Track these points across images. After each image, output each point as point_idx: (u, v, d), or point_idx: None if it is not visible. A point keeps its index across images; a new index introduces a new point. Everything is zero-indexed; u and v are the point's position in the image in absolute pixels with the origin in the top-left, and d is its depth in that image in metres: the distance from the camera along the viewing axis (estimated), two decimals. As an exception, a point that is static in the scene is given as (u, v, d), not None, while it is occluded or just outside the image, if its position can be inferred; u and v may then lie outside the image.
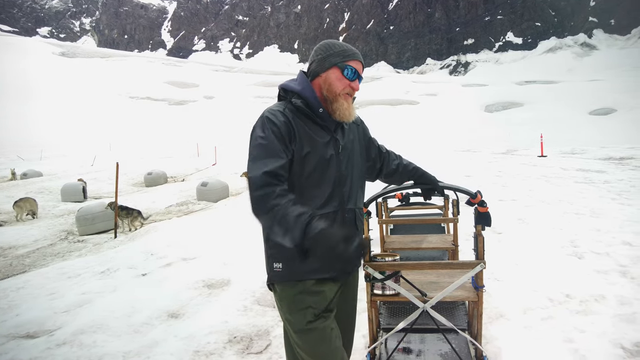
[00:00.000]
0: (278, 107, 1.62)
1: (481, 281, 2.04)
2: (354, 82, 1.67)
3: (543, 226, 5.62)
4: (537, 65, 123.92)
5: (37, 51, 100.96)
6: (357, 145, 1.80)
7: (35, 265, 6.78)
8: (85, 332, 3.05)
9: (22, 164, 25.39)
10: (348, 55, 1.67)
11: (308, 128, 1.61)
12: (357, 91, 1.68)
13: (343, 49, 1.67)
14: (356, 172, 1.76)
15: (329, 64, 1.66)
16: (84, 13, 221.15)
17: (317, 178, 1.61)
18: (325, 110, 1.64)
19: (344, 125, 1.74)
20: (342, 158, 1.68)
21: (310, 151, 1.59)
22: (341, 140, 1.70)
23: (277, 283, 1.64)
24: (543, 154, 17.40)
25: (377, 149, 1.98)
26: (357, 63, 1.68)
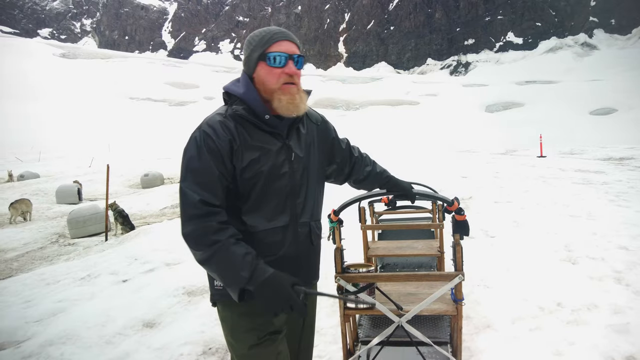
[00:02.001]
0: (218, 115, 1.42)
1: (460, 294, 1.91)
2: (287, 66, 1.41)
3: (537, 229, 5.49)
4: (538, 65, 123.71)
5: (38, 52, 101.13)
6: (316, 150, 1.60)
7: (22, 269, 6.68)
8: (54, 344, 2.93)
9: (20, 166, 25.31)
10: (267, 40, 1.42)
11: (254, 136, 1.41)
12: (296, 75, 1.42)
13: (261, 36, 1.44)
14: (313, 182, 1.57)
15: (253, 61, 1.44)
16: (85, 14, 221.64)
17: (265, 190, 1.43)
18: (273, 116, 1.44)
19: (301, 128, 1.54)
20: (295, 167, 1.49)
21: (257, 162, 1.40)
22: (295, 146, 1.50)
23: (219, 302, 1.49)
24: (542, 154, 17.29)
25: (345, 152, 1.78)
26: (282, 43, 1.42)
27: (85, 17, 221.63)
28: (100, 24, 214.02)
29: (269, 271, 1.26)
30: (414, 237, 3.94)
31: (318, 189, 1.63)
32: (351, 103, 79.58)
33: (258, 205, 1.43)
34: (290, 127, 1.49)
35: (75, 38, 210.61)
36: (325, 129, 1.68)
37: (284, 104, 1.40)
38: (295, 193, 1.49)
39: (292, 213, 1.49)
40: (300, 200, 1.51)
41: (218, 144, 1.35)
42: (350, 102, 79.82)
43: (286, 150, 1.47)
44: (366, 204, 3.67)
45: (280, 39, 1.42)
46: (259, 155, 1.41)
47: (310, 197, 1.56)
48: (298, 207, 1.51)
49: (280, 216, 1.46)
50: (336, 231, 2.04)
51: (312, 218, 1.58)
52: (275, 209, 1.45)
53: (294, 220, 1.49)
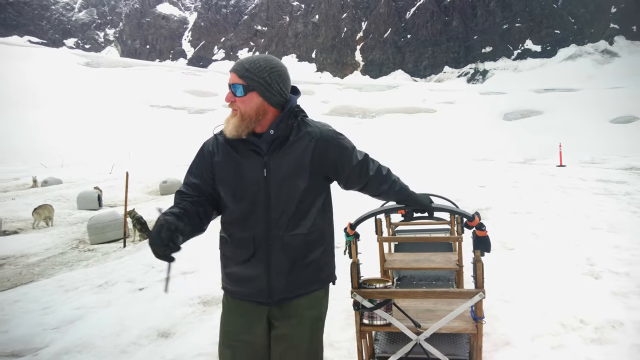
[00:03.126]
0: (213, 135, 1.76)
1: (480, 312, 1.86)
2: (227, 96, 1.70)
3: (558, 241, 5.35)
4: (557, 73, 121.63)
5: (64, 61, 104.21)
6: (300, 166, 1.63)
7: (43, 274, 6.83)
8: (69, 352, 2.97)
9: (44, 171, 26.00)
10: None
11: (236, 152, 1.64)
12: (234, 102, 1.65)
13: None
14: (293, 196, 1.61)
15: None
16: (108, 24, 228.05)
17: (240, 201, 1.62)
18: (251, 135, 1.62)
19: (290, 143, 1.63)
20: (271, 182, 1.60)
21: (233, 176, 1.63)
22: (275, 161, 1.61)
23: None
24: (562, 163, 16.96)
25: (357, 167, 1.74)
26: (230, 75, 1.68)
27: (108, 27, 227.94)
28: (122, 34, 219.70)
29: (159, 219, 1.49)
30: (431, 249, 3.87)
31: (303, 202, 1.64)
32: (367, 111, 79.48)
33: (234, 215, 1.64)
34: (271, 143, 1.62)
35: (99, 47, 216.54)
36: (326, 144, 1.68)
37: (225, 128, 1.66)
38: (270, 206, 1.60)
39: (265, 225, 1.60)
40: (275, 213, 1.60)
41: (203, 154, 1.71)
42: (366, 110, 79.75)
43: (263, 166, 1.61)
44: (383, 215, 3.63)
45: (230, 72, 1.68)
46: (236, 169, 1.63)
47: (288, 211, 1.61)
48: (272, 219, 1.60)
49: (252, 227, 1.60)
50: (352, 245, 2.01)
51: (286, 232, 1.61)
52: (249, 219, 1.61)
53: (267, 232, 1.60)
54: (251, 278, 1.61)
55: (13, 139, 51.04)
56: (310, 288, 1.67)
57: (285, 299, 1.62)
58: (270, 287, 1.60)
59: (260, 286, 1.60)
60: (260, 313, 1.64)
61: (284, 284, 1.61)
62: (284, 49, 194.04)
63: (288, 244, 1.61)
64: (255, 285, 1.61)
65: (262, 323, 1.65)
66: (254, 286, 1.61)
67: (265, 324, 1.65)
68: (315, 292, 1.69)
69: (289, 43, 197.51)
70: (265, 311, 1.64)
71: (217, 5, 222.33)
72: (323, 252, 1.70)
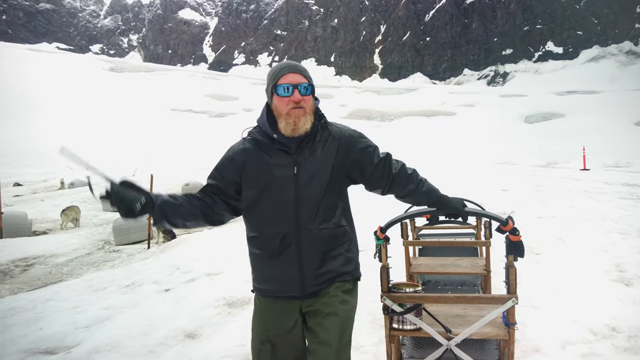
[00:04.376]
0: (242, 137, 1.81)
1: (513, 318, 1.83)
2: (293, 95, 1.66)
3: (585, 247, 5.22)
4: (579, 75, 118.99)
5: (89, 67, 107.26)
6: (328, 165, 1.72)
7: (72, 274, 7.03)
8: (100, 351, 3.04)
9: (71, 174, 26.75)
10: (276, 75, 1.70)
11: (267, 153, 1.70)
12: (301, 101, 1.67)
13: (273, 72, 1.73)
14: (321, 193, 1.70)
15: (269, 93, 1.74)
16: (132, 30, 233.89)
17: (272, 199, 1.67)
18: (282, 135, 1.68)
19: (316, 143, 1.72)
20: (301, 180, 1.67)
21: (264, 175, 1.68)
22: (304, 160, 1.69)
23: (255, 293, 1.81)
24: (585, 167, 16.55)
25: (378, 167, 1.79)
26: (288, 76, 1.68)
27: (132, 32, 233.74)
28: (145, 39, 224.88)
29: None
30: (455, 253, 3.82)
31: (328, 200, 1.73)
32: (386, 114, 79.18)
33: (264, 212, 1.69)
34: (300, 143, 1.70)
35: (123, 53, 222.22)
36: (348, 144, 1.77)
37: (284, 126, 1.67)
38: (300, 203, 1.67)
39: (296, 220, 1.66)
40: (305, 210, 1.67)
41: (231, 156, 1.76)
42: (385, 113, 79.45)
43: (293, 164, 1.68)
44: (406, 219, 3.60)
45: (287, 72, 1.68)
46: (266, 169, 1.69)
47: (316, 207, 1.69)
48: (302, 216, 1.67)
49: (284, 223, 1.66)
50: (383, 249, 2.01)
51: (316, 227, 1.69)
52: (279, 216, 1.67)
53: (299, 226, 1.67)
54: (284, 273, 1.67)
55: (41, 142, 52.79)
56: (340, 278, 1.73)
57: (317, 290, 1.69)
58: (303, 280, 1.67)
59: (293, 280, 1.67)
60: (294, 307, 1.70)
61: (316, 276, 1.68)
62: (303, 53, 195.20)
63: (317, 237, 1.69)
64: (288, 279, 1.67)
65: (295, 316, 1.70)
66: (286, 281, 1.67)
67: (299, 316, 1.71)
68: (344, 283, 1.74)
69: (308, 47, 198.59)
70: (298, 304, 1.70)
71: (238, 10, 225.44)
72: (349, 247, 1.78)
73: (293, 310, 1.70)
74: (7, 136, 55.01)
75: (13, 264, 7.71)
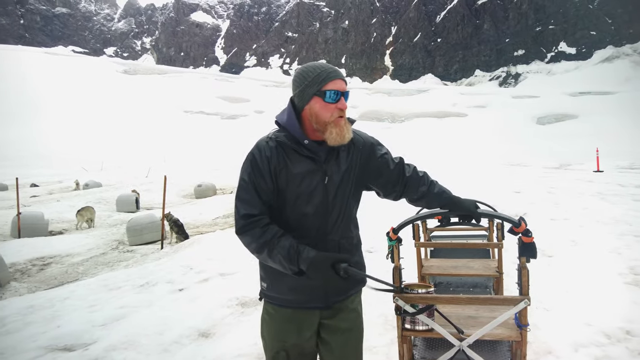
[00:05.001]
0: (265, 139, 1.65)
1: (525, 319, 1.83)
2: (339, 102, 1.59)
3: (598, 249, 5.16)
4: (592, 76, 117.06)
5: (103, 70, 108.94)
6: (354, 172, 1.70)
7: (87, 273, 7.16)
8: (117, 349, 3.10)
9: (85, 175, 27.21)
10: (323, 79, 1.58)
11: (293, 160, 1.60)
12: (345, 109, 1.62)
13: (317, 74, 1.60)
14: (345, 202, 1.68)
15: (308, 95, 1.60)
16: (145, 33, 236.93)
17: (297, 208, 1.61)
18: (312, 141, 1.61)
19: (340, 152, 1.66)
20: (329, 189, 1.63)
21: (293, 183, 1.59)
22: (331, 169, 1.64)
23: (265, 301, 1.74)
24: (599, 168, 16.29)
25: (394, 172, 1.81)
26: (336, 82, 1.60)
27: (145, 35, 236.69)
28: (158, 42, 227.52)
29: (311, 256, 1.48)
30: (467, 255, 3.81)
31: (351, 208, 1.73)
32: (396, 115, 78.90)
33: (291, 221, 1.62)
34: (329, 152, 1.63)
35: (136, 55, 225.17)
36: (369, 151, 1.76)
37: (334, 136, 1.58)
38: (327, 213, 1.63)
39: (322, 231, 1.63)
40: (331, 219, 1.64)
41: (261, 164, 1.58)
42: (395, 115, 79.16)
43: (322, 174, 1.62)
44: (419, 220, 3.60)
45: (335, 78, 1.60)
46: (295, 177, 1.59)
47: (341, 217, 1.67)
48: (328, 226, 1.64)
49: (310, 233, 1.62)
50: (395, 250, 2.02)
51: (342, 236, 1.68)
52: (305, 225, 1.62)
53: (323, 237, 1.64)
54: (309, 284, 1.60)
55: (56, 144, 53.73)
56: (358, 287, 1.76)
57: (338, 300, 1.68)
58: (327, 291, 1.64)
59: (317, 291, 1.63)
60: (314, 318, 1.67)
61: (340, 287, 1.67)
62: (314, 55, 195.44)
63: (343, 248, 1.68)
64: (313, 291, 1.62)
65: (314, 327, 1.67)
66: (311, 292, 1.63)
67: (317, 327, 1.68)
68: (359, 293, 1.78)
69: (319, 49, 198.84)
70: (317, 315, 1.67)
71: (249, 13, 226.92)
72: (361, 255, 1.79)
73: (312, 321, 1.67)
74: (23, 137, 56.09)
75: (30, 263, 7.88)
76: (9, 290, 6.22)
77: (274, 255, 1.51)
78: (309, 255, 1.48)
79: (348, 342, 1.70)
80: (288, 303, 1.65)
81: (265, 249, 1.51)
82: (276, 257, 1.51)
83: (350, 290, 1.71)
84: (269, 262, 1.55)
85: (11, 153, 46.88)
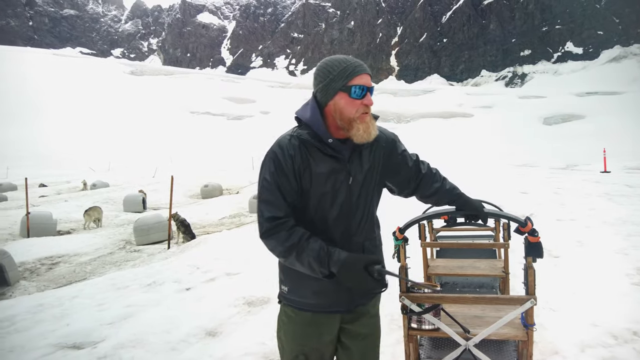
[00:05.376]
0: (287, 137, 1.56)
1: (531, 319, 1.83)
2: (365, 98, 1.51)
3: (605, 250, 5.13)
4: (599, 76, 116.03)
5: (111, 71, 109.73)
6: (376, 171, 1.65)
7: (95, 272, 7.22)
8: (125, 347, 3.14)
9: (93, 175, 27.42)
10: (349, 73, 1.50)
11: (317, 159, 1.52)
12: (371, 105, 1.54)
13: (342, 68, 1.51)
14: (369, 203, 1.63)
15: (332, 90, 1.52)
16: (152, 34, 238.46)
17: (322, 210, 1.55)
18: (336, 140, 1.53)
19: (363, 150, 1.60)
20: (353, 189, 1.57)
21: (317, 183, 1.52)
22: (355, 169, 1.57)
23: (283, 305, 1.67)
24: (606, 169, 16.14)
25: (412, 169, 1.79)
26: (362, 77, 1.51)
27: (152, 36, 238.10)
28: (165, 43, 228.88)
29: (342, 258, 1.41)
30: (473, 255, 3.81)
31: (374, 208, 1.69)
32: (402, 116, 78.66)
33: (315, 222, 1.55)
34: (352, 150, 1.57)
35: (143, 56, 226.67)
36: (391, 148, 1.71)
37: (361, 133, 1.50)
38: (351, 215, 1.57)
39: (347, 233, 1.57)
40: (355, 221, 1.59)
41: (284, 163, 1.50)
42: (401, 115, 78.94)
43: (346, 173, 1.55)
44: (425, 220, 3.60)
45: (361, 72, 1.51)
46: (319, 176, 1.52)
47: (365, 218, 1.62)
48: (353, 227, 1.58)
49: (334, 235, 1.56)
50: (401, 249, 2.03)
51: (366, 238, 1.64)
52: (330, 228, 1.56)
53: (348, 239, 1.58)
54: (333, 287, 1.53)
55: (64, 144, 54.16)
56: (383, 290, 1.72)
57: (360, 304, 1.64)
58: (351, 294, 1.59)
59: (341, 295, 1.57)
60: (336, 322, 1.62)
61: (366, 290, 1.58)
62: (319, 56, 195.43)
63: (367, 250, 1.64)
64: (338, 294, 1.57)
65: (335, 331, 1.62)
66: (335, 295, 1.57)
67: (337, 331, 1.63)
68: (378, 296, 1.74)
69: (324, 49, 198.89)
70: (339, 319, 1.62)
71: (255, 14, 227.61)
72: (382, 256, 1.75)
73: (333, 325, 1.61)
74: (31, 138, 56.61)
75: (39, 262, 7.97)
76: (18, 289, 6.30)
77: (303, 259, 1.44)
78: (340, 257, 1.42)
79: (368, 347, 1.68)
80: (310, 307, 1.58)
81: (292, 253, 1.44)
82: (305, 260, 1.43)
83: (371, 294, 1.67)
84: (296, 265, 1.47)
85: (21, 153, 47.38)
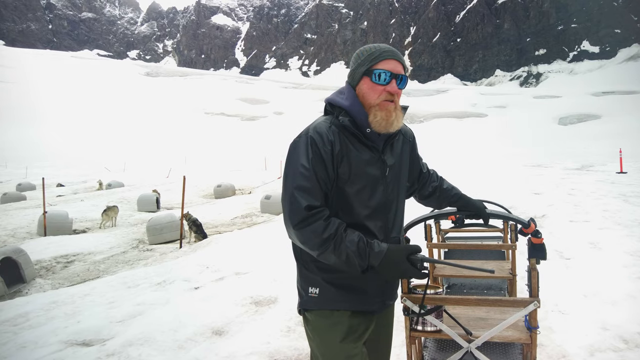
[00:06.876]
0: (324, 125, 1.45)
1: (535, 321, 1.80)
2: (390, 84, 1.42)
3: (619, 253, 5.00)
4: (616, 75, 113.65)
5: (127, 72, 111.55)
6: (404, 166, 1.61)
7: (108, 271, 7.35)
8: (133, 345, 3.18)
9: (108, 175, 27.88)
10: (375, 57, 1.43)
11: (354, 148, 1.44)
12: (396, 94, 1.44)
13: (370, 52, 1.45)
14: (401, 197, 1.59)
15: (358, 75, 1.46)
16: (167, 36, 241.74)
17: (360, 203, 1.46)
18: (373, 130, 1.45)
19: (395, 142, 1.56)
20: (389, 181, 1.51)
21: (356, 174, 1.43)
22: (389, 160, 1.51)
23: (310, 311, 1.52)
24: (622, 170, 15.73)
25: (420, 169, 1.81)
26: (389, 62, 1.43)
27: (167, 38, 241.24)
28: (179, 44, 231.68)
29: (383, 250, 1.35)
30: (482, 257, 3.77)
31: (404, 204, 1.65)
32: (415, 116, 78.17)
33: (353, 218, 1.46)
34: (386, 142, 1.51)
35: (158, 58, 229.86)
36: (412, 145, 1.70)
37: (378, 120, 1.42)
38: (388, 207, 1.52)
39: (384, 228, 1.52)
40: (392, 215, 1.54)
41: (323, 149, 1.40)
42: (414, 115, 78.44)
43: (381, 164, 1.49)
44: (432, 221, 3.58)
45: (388, 57, 1.44)
46: (358, 167, 1.44)
47: (400, 212, 1.59)
48: (389, 221, 1.53)
49: (373, 230, 1.49)
50: None
51: (400, 233, 1.61)
52: (369, 222, 1.48)
53: (386, 235, 1.52)
54: (370, 285, 1.49)
55: (82, 144, 55.24)
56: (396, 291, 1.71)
57: (389, 304, 1.62)
58: (384, 294, 1.55)
59: (377, 293, 1.52)
60: (369, 322, 1.53)
61: (393, 290, 1.61)
62: (332, 56, 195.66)
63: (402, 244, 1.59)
64: (374, 292, 1.51)
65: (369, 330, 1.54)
66: (372, 294, 1.51)
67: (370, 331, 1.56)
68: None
69: (337, 50, 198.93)
70: (373, 320, 1.55)
71: (269, 15, 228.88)
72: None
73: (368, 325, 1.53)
74: (51, 138, 57.86)
75: (55, 260, 8.14)
76: (34, 286, 6.45)
77: (341, 251, 1.34)
78: (382, 249, 1.35)
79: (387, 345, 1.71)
80: (347, 305, 1.48)
81: (330, 245, 1.33)
82: (343, 253, 1.34)
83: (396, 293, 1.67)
84: (331, 258, 1.36)
85: (39, 153, 48.49)
